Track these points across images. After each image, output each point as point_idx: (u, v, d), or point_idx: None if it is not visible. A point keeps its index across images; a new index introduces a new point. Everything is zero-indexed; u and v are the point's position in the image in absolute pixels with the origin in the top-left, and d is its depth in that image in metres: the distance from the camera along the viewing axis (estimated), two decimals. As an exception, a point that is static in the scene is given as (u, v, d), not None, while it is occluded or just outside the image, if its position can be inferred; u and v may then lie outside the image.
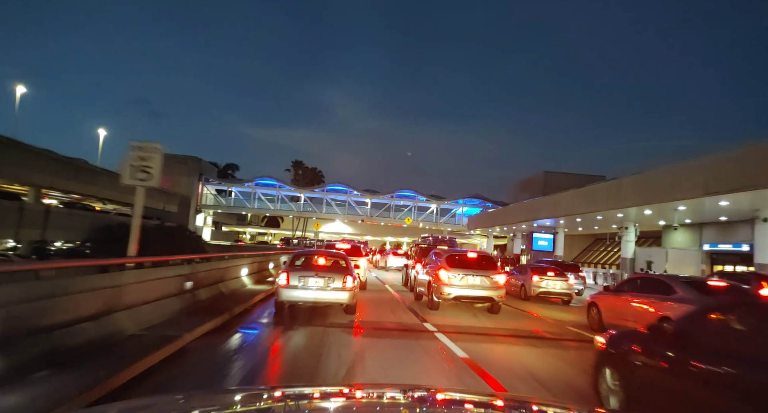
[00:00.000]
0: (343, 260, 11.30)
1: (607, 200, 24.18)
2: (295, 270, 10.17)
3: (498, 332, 9.65)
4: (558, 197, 30.98)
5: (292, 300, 9.91)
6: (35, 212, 28.51)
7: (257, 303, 11.47)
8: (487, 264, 12.44)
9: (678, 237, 28.34)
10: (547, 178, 49.21)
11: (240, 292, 11.97)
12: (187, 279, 8.72)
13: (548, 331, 10.36)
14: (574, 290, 17.00)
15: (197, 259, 9.88)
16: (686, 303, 7.98)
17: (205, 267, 10.06)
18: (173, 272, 8.20)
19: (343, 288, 9.82)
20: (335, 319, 9.82)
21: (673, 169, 19.06)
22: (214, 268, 10.84)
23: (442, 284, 11.71)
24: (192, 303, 8.56)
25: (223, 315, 8.43)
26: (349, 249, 18.13)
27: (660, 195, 19.84)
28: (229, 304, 9.51)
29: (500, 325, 10.58)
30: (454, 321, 10.75)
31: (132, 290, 6.50)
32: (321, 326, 9.04)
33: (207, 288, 9.91)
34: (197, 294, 9.13)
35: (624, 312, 9.64)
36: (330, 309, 10.59)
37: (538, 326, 11.11)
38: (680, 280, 9.16)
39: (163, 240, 28.22)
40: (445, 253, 12.79)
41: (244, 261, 14.11)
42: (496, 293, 11.79)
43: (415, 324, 9.96)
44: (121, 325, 5.98)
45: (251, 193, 56.91)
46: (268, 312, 10.50)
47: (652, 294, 9.10)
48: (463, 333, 9.09)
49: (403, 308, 12.58)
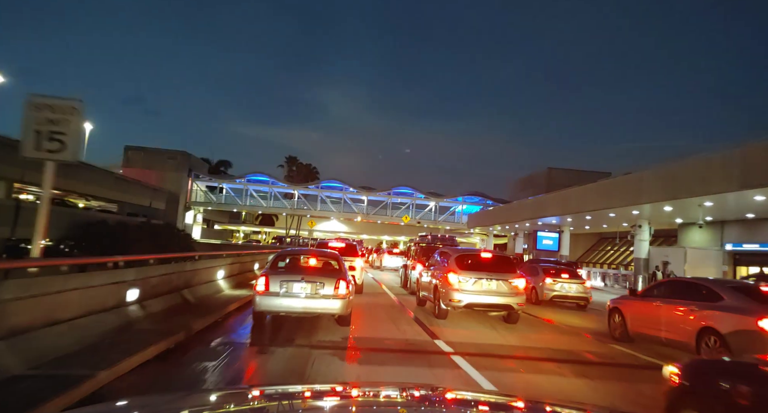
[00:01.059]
0: (335, 261, 9.45)
1: (624, 195, 22.31)
2: (276, 273, 8.30)
3: (530, 353, 7.68)
4: (567, 193, 29.10)
5: (273, 310, 8.02)
6: (5, 207, 26.31)
7: (231, 313, 9.48)
8: (504, 267, 10.76)
9: (696, 236, 26.48)
10: (550, 175, 47.31)
11: (212, 300, 9.98)
12: (132, 286, 6.72)
13: (593, 352, 8.43)
14: (590, 293, 15.56)
15: (151, 261, 7.84)
16: (736, 312, 6.93)
17: (161, 270, 8.04)
18: (107, 279, 6.19)
19: (335, 295, 7.97)
20: (325, 335, 7.91)
21: (704, 159, 17.18)
22: (177, 271, 8.82)
23: (452, 289, 10.07)
24: (136, 320, 6.57)
25: (176, 334, 6.42)
26: (343, 248, 16.20)
27: (687, 189, 17.97)
28: (189, 319, 7.49)
29: (528, 342, 8.64)
30: (469, 336, 8.88)
31: (25, 307, 4.50)
32: (306, 346, 7.12)
33: (164, 297, 7.92)
34: (147, 305, 7.14)
35: (655, 320, 8.43)
36: (319, 319, 8.72)
37: (572, 341, 9.23)
38: (727, 285, 7.94)
39: (147, 239, 26.33)
40: (454, 253, 11.10)
41: (221, 261, 12.09)
42: (515, 300, 10.11)
43: (424, 342, 7.99)
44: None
45: (243, 189, 54.73)
46: (243, 326, 8.54)
47: (692, 300, 7.83)
48: (487, 356, 7.14)
49: (407, 318, 10.67)
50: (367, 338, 8.03)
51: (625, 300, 9.76)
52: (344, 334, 8.04)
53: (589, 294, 15.45)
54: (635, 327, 9.00)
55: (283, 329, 8.28)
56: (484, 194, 56.50)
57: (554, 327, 11.10)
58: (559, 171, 47.73)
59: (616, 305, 9.82)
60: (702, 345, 7.15)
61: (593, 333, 10.30)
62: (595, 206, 25.22)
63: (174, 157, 51.10)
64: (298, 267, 9.17)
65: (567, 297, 15.12)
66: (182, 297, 8.67)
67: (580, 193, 27.39)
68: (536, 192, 40.81)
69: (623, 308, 9.51)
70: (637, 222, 26.65)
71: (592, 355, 8.11)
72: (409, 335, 8.53)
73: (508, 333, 9.37)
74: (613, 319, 9.77)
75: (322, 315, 8.42)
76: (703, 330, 7.20)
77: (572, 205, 28.01)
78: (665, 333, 8.08)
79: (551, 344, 8.66)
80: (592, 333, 10.33)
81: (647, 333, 8.62)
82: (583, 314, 14.01)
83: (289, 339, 7.48)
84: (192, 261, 9.89)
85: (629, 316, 9.24)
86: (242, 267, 14.66)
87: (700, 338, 7.20)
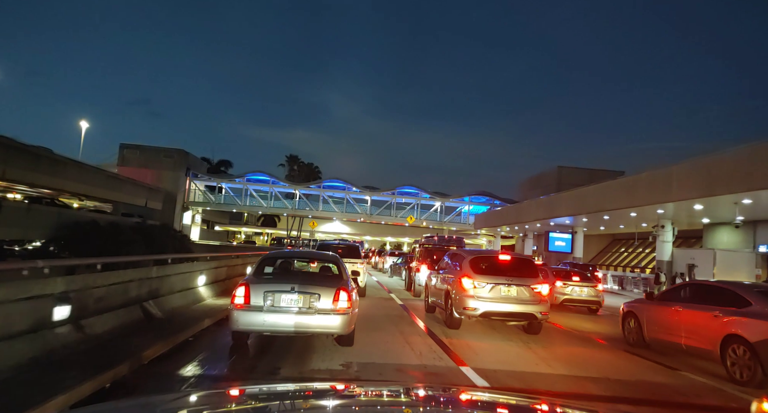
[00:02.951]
0: (334, 265, 7.89)
1: (650, 193, 20.54)
2: (261, 281, 6.65)
3: (586, 385, 5.94)
4: (584, 191, 27.32)
5: (254, 329, 6.37)
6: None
7: (208, 330, 7.76)
8: (525, 270, 9.58)
9: (725, 236, 24.68)
10: (560, 174, 45.38)
11: (186, 313, 8.27)
12: (61, 301, 5.02)
13: (667, 384, 6.71)
14: (602, 297, 15.03)
15: (98, 266, 6.10)
16: (766, 318, 6.38)
17: (113, 278, 6.31)
18: (16, 292, 4.47)
19: (333, 309, 6.35)
20: (321, 361, 6.25)
21: (749, 150, 15.37)
22: (139, 278, 7.11)
23: (466, 296, 9.03)
24: (62, 347, 4.86)
25: (116, 366, 4.69)
26: (344, 249, 14.59)
27: (726, 185, 16.22)
28: (144, 341, 5.78)
29: (574, 365, 6.92)
30: (496, 355, 7.41)
31: None
32: (296, 379, 5.39)
33: (116, 312, 6.23)
34: (87, 325, 5.44)
35: (673, 326, 7.98)
36: (314, 337, 7.10)
37: (629, 366, 7.51)
38: (755, 289, 7.31)
39: (141, 240, 24.70)
40: (468, 255, 9.95)
41: (202, 265, 10.36)
42: (537, 309, 9.04)
43: (448, 371, 6.18)
44: None
45: (243, 189, 53.00)
46: (218, 349, 6.83)
47: (715, 305, 7.29)
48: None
49: (418, 330, 9.16)
50: (374, 363, 6.34)
51: (641, 304, 9.27)
52: (345, 358, 6.37)
53: (602, 298, 14.88)
54: (652, 333, 8.55)
55: (269, 352, 6.62)
56: (492, 194, 54.59)
57: (581, 338, 10.02)
58: (569, 169, 45.80)
59: (630, 309, 9.37)
60: (728, 354, 6.71)
61: (604, 338, 9.96)
62: (616, 205, 23.45)
63: (171, 155, 49.41)
64: (288, 274, 7.44)
65: (578, 301, 14.59)
66: (144, 312, 6.96)
67: (598, 191, 25.63)
68: (546, 191, 39.07)
69: (639, 313, 9.05)
70: (659, 222, 24.92)
71: (671, 389, 6.37)
72: (426, 357, 6.81)
73: (545, 352, 7.89)
74: (628, 325, 9.32)
75: (317, 334, 6.77)
76: (728, 337, 6.72)
77: (589, 204, 26.26)
78: (686, 339, 7.61)
79: (605, 370, 6.94)
80: (603, 338, 9.95)
81: (665, 340, 8.18)
82: (595, 318, 13.58)
83: (273, 368, 5.79)
84: (162, 265, 8.17)
85: (645, 321, 8.78)
86: (231, 271, 12.97)
87: (725, 346, 6.75)
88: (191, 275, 9.55)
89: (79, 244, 23.49)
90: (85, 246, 22.38)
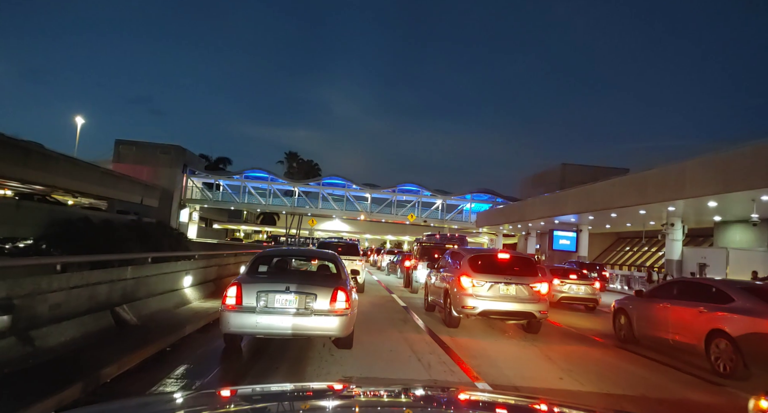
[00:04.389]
0: (332, 263, 7.36)
1: (661, 189, 19.75)
2: (254, 281, 6.15)
3: (609, 400, 5.15)
4: (590, 188, 26.49)
5: (247, 331, 5.88)
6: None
7: (190, 338, 6.96)
8: (524, 269, 9.55)
9: (737, 235, 23.88)
10: (564, 171, 44.53)
11: (167, 318, 7.45)
12: (4, 309, 4.22)
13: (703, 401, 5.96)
14: (600, 295, 15.19)
15: (58, 267, 5.28)
16: (748, 314, 6.63)
17: (74, 280, 5.49)
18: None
19: (331, 310, 5.87)
20: (319, 367, 5.64)
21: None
22: (110, 280, 6.30)
23: (465, 294, 8.99)
24: (2, 363, 4.04)
25: (66, 389, 3.88)
26: (343, 247, 13.93)
27: (745, 180, 15.43)
28: (108, 354, 4.96)
29: (591, 374, 6.16)
30: (505, 362, 6.74)
31: None
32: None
33: (79, 319, 5.41)
34: (37, 337, 4.62)
35: (662, 322, 8.20)
36: (311, 340, 6.63)
37: (656, 377, 6.76)
38: (737, 286, 7.54)
39: (136, 238, 23.85)
40: (467, 254, 9.88)
41: (187, 265, 9.54)
42: (536, 307, 9.00)
43: (460, 385, 5.43)
44: None
45: (241, 186, 52.13)
46: (204, 360, 6.06)
47: (700, 301, 7.51)
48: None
49: (420, 332, 8.77)
50: (374, 373, 5.63)
51: (631, 301, 9.45)
52: (342, 368, 5.60)
53: (599, 296, 15.03)
54: (642, 329, 8.74)
55: (259, 361, 5.89)
56: (494, 192, 53.72)
57: (586, 338, 9.84)
58: (573, 167, 44.96)
59: (620, 306, 9.53)
60: (711, 348, 6.94)
61: (597, 334, 10.10)
62: (625, 202, 22.65)
63: (167, 151, 48.53)
64: (284, 273, 7.09)
65: (575, 298, 14.71)
66: (115, 318, 6.15)
67: (606, 188, 24.81)
68: (549, 189, 38.31)
69: (629, 310, 9.22)
70: (668, 220, 24.12)
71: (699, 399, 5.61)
72: (434, 369, 6.01)
73: (555, 354, 7.69)
74: (618, 321, 9.50)
75: (314, 337, 6.28)
76: (712, 332, 6.95)
77: (596, 201, 25.47)
78: (673, 335, 7.84)
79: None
80: (595, 334, 10.06)
81: (654, 335, 8.39)
82: (590, 316, 13.60)
83: (263, 374, 5.06)
84: (138, 265, 7.34)
85: (635, 318, 8.95)
86: (222, 270, 12.17)
87: (709, 341, 6.98)
88: (175, 275, 8.73)
89: (71, 242, 22.73)
90: (76, 243, 21.63)
